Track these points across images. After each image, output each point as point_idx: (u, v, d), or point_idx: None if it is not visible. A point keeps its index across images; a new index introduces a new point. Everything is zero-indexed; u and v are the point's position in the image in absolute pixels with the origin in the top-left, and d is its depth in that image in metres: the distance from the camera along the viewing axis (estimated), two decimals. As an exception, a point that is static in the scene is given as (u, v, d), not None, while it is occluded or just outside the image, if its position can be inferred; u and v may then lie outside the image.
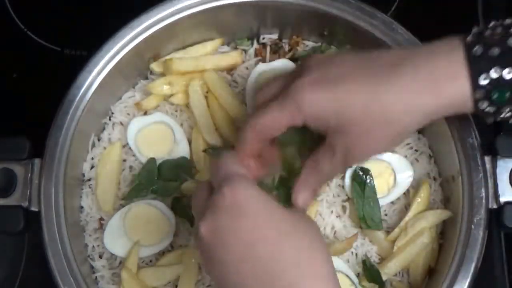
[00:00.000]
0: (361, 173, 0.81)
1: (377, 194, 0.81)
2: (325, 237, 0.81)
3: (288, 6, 0.83)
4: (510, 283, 0.87)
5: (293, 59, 0.87)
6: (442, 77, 0.62)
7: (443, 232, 0.82)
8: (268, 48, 0.90)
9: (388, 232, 0.81)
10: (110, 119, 0.87)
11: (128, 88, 0.89)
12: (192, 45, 0.88)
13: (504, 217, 0.74)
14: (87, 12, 1.02)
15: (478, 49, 0.61)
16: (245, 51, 0.90)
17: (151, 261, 0.82)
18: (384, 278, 0.78)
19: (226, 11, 0.84)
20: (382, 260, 0.81)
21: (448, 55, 0.62)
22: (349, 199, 0.82)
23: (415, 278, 0.80)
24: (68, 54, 1.00)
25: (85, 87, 0.80)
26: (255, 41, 0.90)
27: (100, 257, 0.83)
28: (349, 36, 0.84)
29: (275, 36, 0.90)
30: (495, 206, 0.75)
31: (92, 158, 0.85)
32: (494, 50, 0.61)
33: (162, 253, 0.81)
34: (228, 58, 0.87)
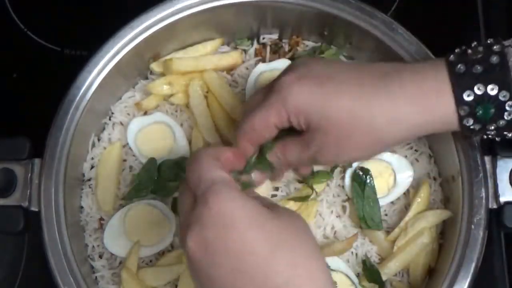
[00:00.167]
0: (361, 173, 0.81)
1: (377, 194, 0.81)
2: (325, 237, 0.81)
3: (288, 6, 0.83)
4: (510, 283, 0.87)
5: (293, 59, 0.87)
6: (428, 93, 0.63)
7: (443, 232, 0.82)
8: (268, 48, 0.90)
9: (388, 232, 0.81)
10: (110, 119, 0.87)
11: (128, 88, 0.89)
12: (192, 45, 0.88)
13: (504, 217, 0.74)
14: (87, 12, 1.02)
15: (461, 67, 0.62)
16: (245, 51, 0.90)
17: (151, 261, 0.82)
18: (384, 278, 0.78)
19: (226, 11, 0.84)
20: (382, 260, 0.81)
21: (434, 73, 0.63)
22: (349, 199, 0.82)
23: (415, 278, 0.80)
24: (68, 54, 1.00)
25: (85, 87, 0.80)
26: (255, 41, 0.90)
27: (100, 257, 0.83)
28: (349, 36, 0.85)
29: (275, 36, 0.90)
30: (495, 206, 0.75)
31: (92, 158, 0.85)
32: (477, 68, 0.62)
33: (162, 253, 0.81)
34: (228, 58, 0.87)
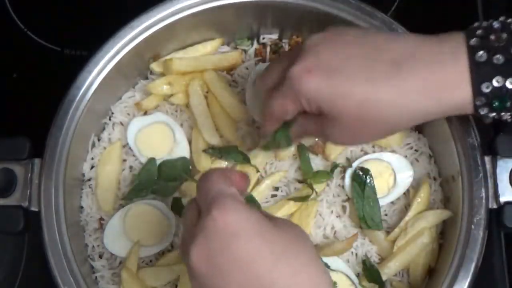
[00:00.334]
0: (361, 173, 0.81)
1: (377, 194, 0.81)
2: (325, 237, 0.81)
3: (288, 6, 0.83)
4: (510, 283, 0.87)
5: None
6: (444, 83, 0.62)
7: (443, 232, 0.82)
8: (268, 48, 0.90)
9: (388, 232, 0.81)
10: (110, 119, 0.87)
11: (128, 88, 0.89)
12: (192, 45, 0.88)
13: (504, 217, 0.74)
14: (87, 12, 1.01)
15: (483, 55, 0.61)
16: (245, 51, 0.90)
17: (151, 261, 0.82)
18: (384, 278, 0.79)
19: (226, 11, 0.84)
20: (382, 260, 0.81)
21: (451, 59, 0.62)
22: (349, 199, 0.82)
23: (415, 278, 0.80)
24: (68, 54, 1.00)
25: (85, 87, 0.80)
26: (255, 41, 0.90)
27: (100, 257, 0.83)
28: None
29: (275, 36, 0.90)
30: (495, 206, 0.75)
31: (92, 158, 0.85)
32: (499, 58, 0.61)
33: (162, 253, 0.81)
34: (228, 58, 0.87)
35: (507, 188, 0.75)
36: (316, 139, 0.83)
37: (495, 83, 0.61)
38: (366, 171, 0.81)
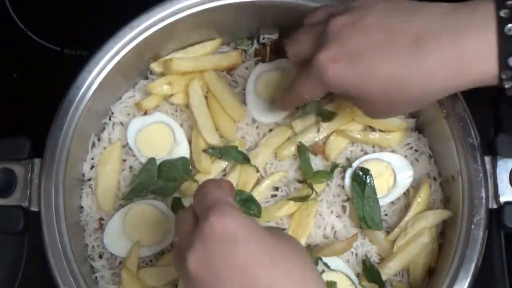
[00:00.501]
0: (361, 173, 0.81)
1: (377, 194, 0.81)
2: (325, 237, 0.81)
3: (288, 6, 0.83)
4: (510, 283, 0.87)
5: (293, 59, 0.87)
6: (469, 57, 0.60)
7: (443, 232, 0.82)
8: (268, 48, 0.90)
9: (388, 232, 0.81)
10: (110, 119, 0.87)
11: (128, 88, 0.89)
12: (192, 45, 0.88)
13: (504, 217, 0.74)
14: (87, 12, 1.02)
15: None
16: (245, 51, 0.90)
17: (151, 261, 0.82)
18: (384, 278, 0.78)
19: (226, 11, 0.84)
20: (382, 260, 0.81)
21: (478, 31, 0.60)
22: (349, 199, 0.82)
23: (415, 278, 0.80)
24: (68, 54, 1.00)
25: (85, 87, 0.80)
26: (255, 41, 0.90)
27: (100, 257, 0.83)
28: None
29: (275, 36, 0.90)
30: (495, 206, 0.75)
31: (92, 158, 0.85)
32: None
33: (162, 253, 0.81)
34: (228, 58, 0.87)
35: (507, 188, 0.75)
36: (316, 139, 0.83)
37: None
38: (366, 171, 0.81)
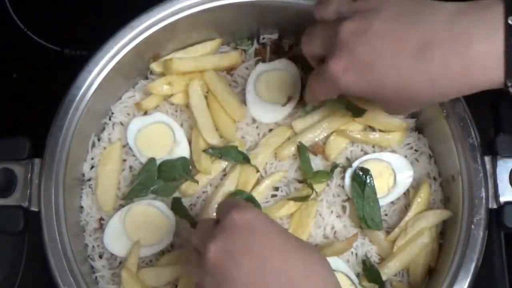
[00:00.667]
0: (361, 173, 0.81)
1: (377, 194, 0.81)
2: (325, 237, 0.81)
3: (288, 6, 0.83)
4: (510, 283, 0.87)
5: (293, 59, 0.87)
6: (475, 68, 0.61)
7: (443, 232, 0.82)
8: (268, 48, 0.90)
9: (388, 232, 0.81)
10: (110, 119, 0.87)
11: (128, 88, 0.89)
12: (192, 45, 0.88)
13: (504, 217, 0.74)
14: (87, 12, 1.01)
15: None
16: (245, 51, 0.90)
17: (151, 261, 0.82)
18: (384, 278, 0.78)
19: (226, 11, 0.84)
20: (382, 260, 0.81)
21: (486, 40, 0.60)
22: (349, 199, 0.82)
23: (415, 278, 0.80)
24: (68, 54, 1.00)
25: (85, 87, 0.80)
26: (255, 41, 0.90)
27: (100, 257, 0.83)
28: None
29: (275, 36, 0.90)
30: (495, 206, 0.75)
31: (92, 158, 0.85)
32: None
33: (162, 253, 0.81)
34: (228, 58, 0.87)
35: (507, 188, 0.75)
36: (316, 139, 0.83)
37: None
38: (366, 171, 0.81)
